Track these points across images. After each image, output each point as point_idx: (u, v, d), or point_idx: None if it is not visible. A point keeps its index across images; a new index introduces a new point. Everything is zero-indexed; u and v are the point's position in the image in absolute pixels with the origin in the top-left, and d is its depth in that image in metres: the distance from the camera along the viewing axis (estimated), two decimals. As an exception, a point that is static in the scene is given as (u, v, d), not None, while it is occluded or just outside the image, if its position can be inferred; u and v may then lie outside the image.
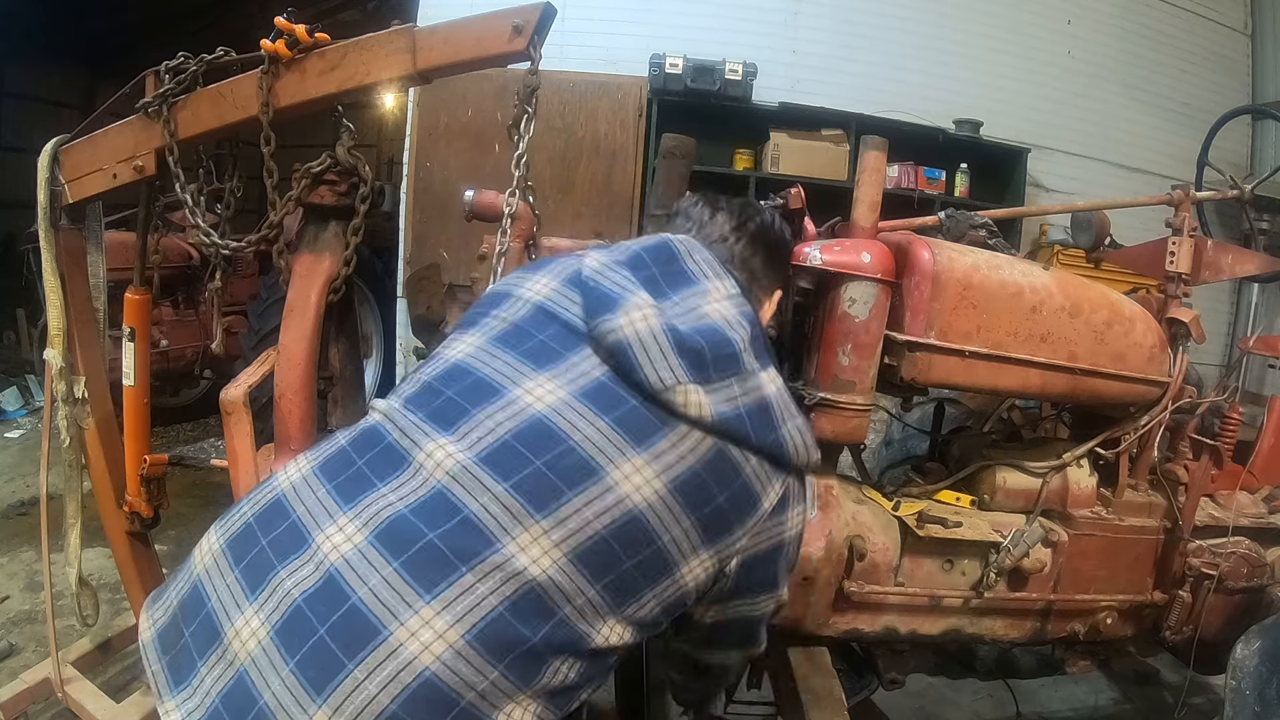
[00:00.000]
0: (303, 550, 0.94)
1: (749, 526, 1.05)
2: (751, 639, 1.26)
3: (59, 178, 1.91)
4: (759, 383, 1.07)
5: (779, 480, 1.07)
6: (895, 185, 4.97)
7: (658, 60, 4.85)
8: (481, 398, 1.03)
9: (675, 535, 0.99)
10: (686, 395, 1.01)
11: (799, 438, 1.08)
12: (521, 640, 0.91)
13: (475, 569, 0.90)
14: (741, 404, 1.04)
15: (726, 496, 1.02)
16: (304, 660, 0.86)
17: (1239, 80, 5.97)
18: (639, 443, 0.99)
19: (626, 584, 0.98)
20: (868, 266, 1.63)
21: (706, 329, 1.06)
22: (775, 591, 1.17)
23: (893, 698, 2.15)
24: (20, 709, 2.28)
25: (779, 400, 1.08)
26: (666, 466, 0.99)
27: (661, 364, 1.02)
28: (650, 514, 0.98)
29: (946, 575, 1.80)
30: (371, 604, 0.88)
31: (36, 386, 5.89)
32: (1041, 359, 1.72)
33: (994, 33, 5.49)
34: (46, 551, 2.23)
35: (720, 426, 1.02)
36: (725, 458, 1.02)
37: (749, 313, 1.14)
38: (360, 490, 0.98)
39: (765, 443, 1.05)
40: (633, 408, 1.01)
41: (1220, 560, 1.91)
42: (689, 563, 1.01)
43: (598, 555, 0.95)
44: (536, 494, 0.95)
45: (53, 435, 2.09)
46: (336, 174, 1.81)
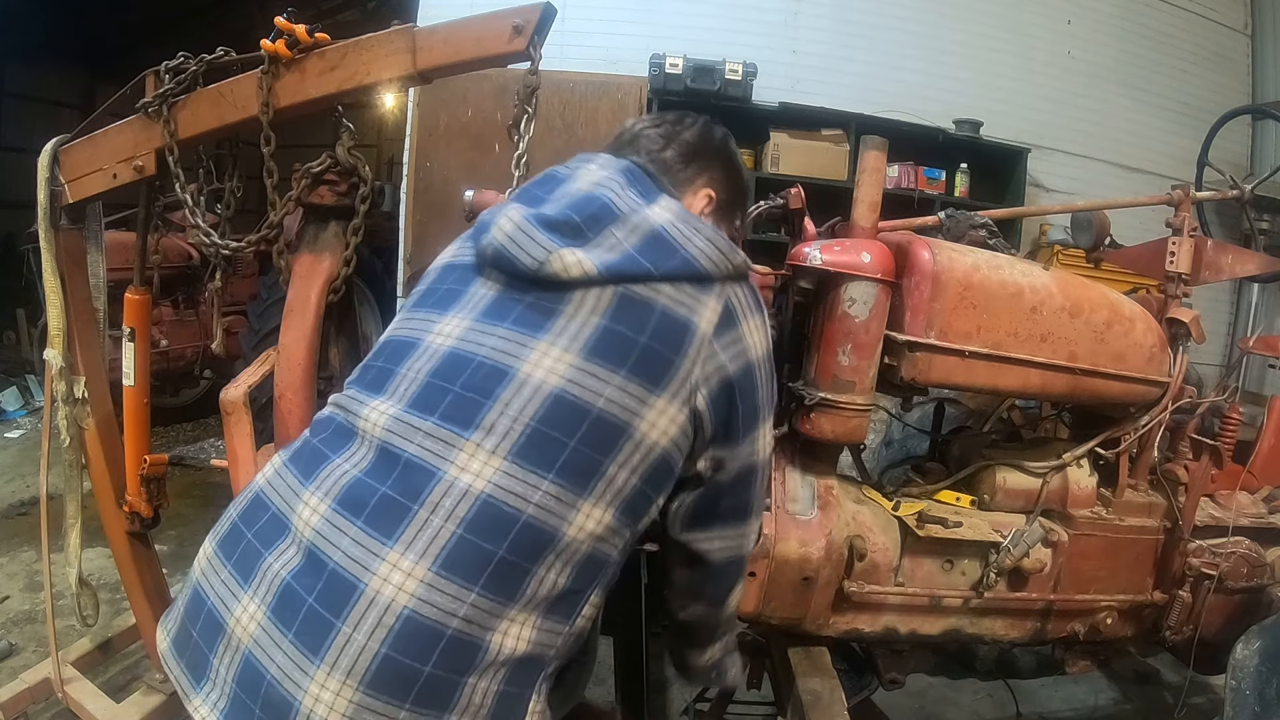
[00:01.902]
0: (285, 535, 0.99)
1: (692, 353, 1.02)
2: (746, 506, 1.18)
3: (59, 178, 1.91)
4: (644, 217, 1.06)
5: (709, 296, 1.05)
6: (895, 185, 4.97)
7: (658, 60, 4.85)
8: (401, 355, 1.07)
9: (610, 395, 0.98)
10: (563, 260, 1.01)
11: (709, 248, 1.05)
12: (488, 556, 0.93)
13: (425, 503, 0.94)
14: (628, 244, 1.03)
15: (649, 334, 1.00)
16: (299, 630, 0.91)
17: (1239, 80, 5.97)
18: (538, 330, 1.01)
19: (581, 463, 0.97)
20: (868, 266, 1.63)
21: (573, 201, 1.08)
22: (758, 428, 1.12)
23: (893, 698, 2.15)
24: (20, 709, 2.28)
25: (674, 224, 1.06)
26: (572, 337, 1.00)
27: (531, 246, 1.03)
28: (571, 387, 0.98)
29: (946, 575, 1.80)
30: (346, 564, 0.92)
31: (36, 386, 5.89)
32: (1041, 359, 1.72)
33: (994, 33, 5.49)
34: (46, 551, 2.23)
35: (610, 274, 1.01)
36: (631, 300, 1.01)
37: (622, 168, 1.13)
38: (317, 465, 1.02)
39: (670, 269, 1.03)
40: (527, 304, 1.03)
41: (1220, 560, 1.91)
42: (643, 416, 1.00)
43: (536, 446, 0.96)
44: (460, 415, 0.98)
45: (53, 435, 2.09)
46: (336, 174, 1.81)
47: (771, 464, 1.20)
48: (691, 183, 1.25)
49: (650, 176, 1.16)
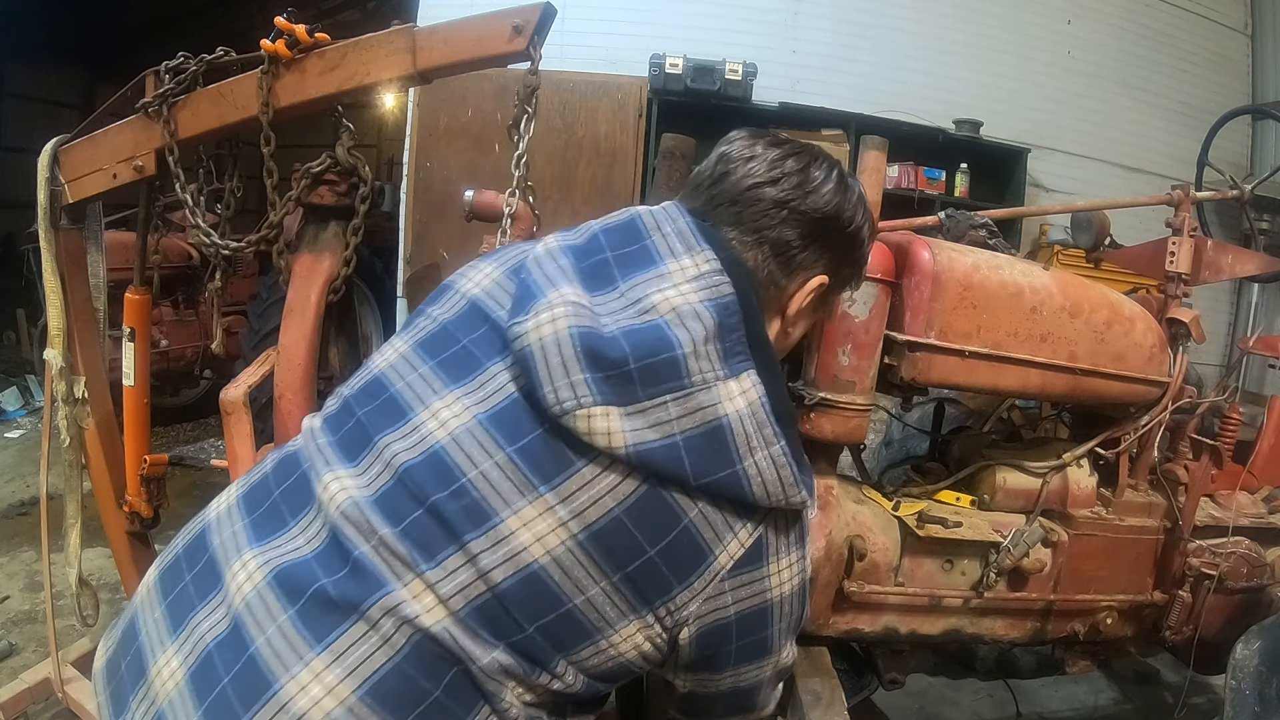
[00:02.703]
0: (216, 591, 0.88)
1: (697, 589, 0.85)
2: (747, 707, 1.02)
3: (59, 178, 1.91)
4: (713, 398, 0.83)
5: (744, 527, 0.86)
6: (895, 185, 4.98)
7: (658, 60, 4.85)
8: (387, 422, 0.91)
9: (592, 596, 0.83)
10: (590, 421, 0.81)
11: (771, 472, 0.84)
12: (422, 694, 0.80)
13: (366, 616, 0.81)
14: (677, 430, 0.82)
15: (660, 549, 0.83)
16: (209, 709, 0.81)
17: (1239, 80, 5.97)
18: (544, 480, 0.83)
19: (532, 650, 0.84)
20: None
21: (638, 329, 0.83)
22: (764, 660, 0.95)
23: (893, 698, 2.15)
24: (20, 709, 2.28)
25: (745, 422, 0.84)
26: (576, 512, 0.82)
27: (561, 379, 0.82)
28: (555, 569, 0.82)
29: (946, 575, 1.80)
30: (267, 655, 0.81)
31: (36, 386, 5.89)
32: (1041, 359, 1.72)
33: (994, 33, 5.49)
34: (46, 551, 2.23)
35: (639, 461, 0.81)
36: (657, 501, 0.82)
37: (724, 299, 0.86)
38: (272, 528, 0.91)
39: (712, 482, 0.82)
40: (539, 436, 0.84)
41: (1220, 560, 1.91)
42: (618, 629, 0.85)
43: (492, 616, 0.82)
44: (425, 541, 0.83)
45: (53, 435, 2.09)
46: (336, 174, 1.82)
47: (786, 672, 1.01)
48: (805, 269, 0.97)
49: (748, 314, 0.88)
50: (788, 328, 1.01)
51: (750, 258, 0.94)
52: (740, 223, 0.95)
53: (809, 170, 0.97)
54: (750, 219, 0.94)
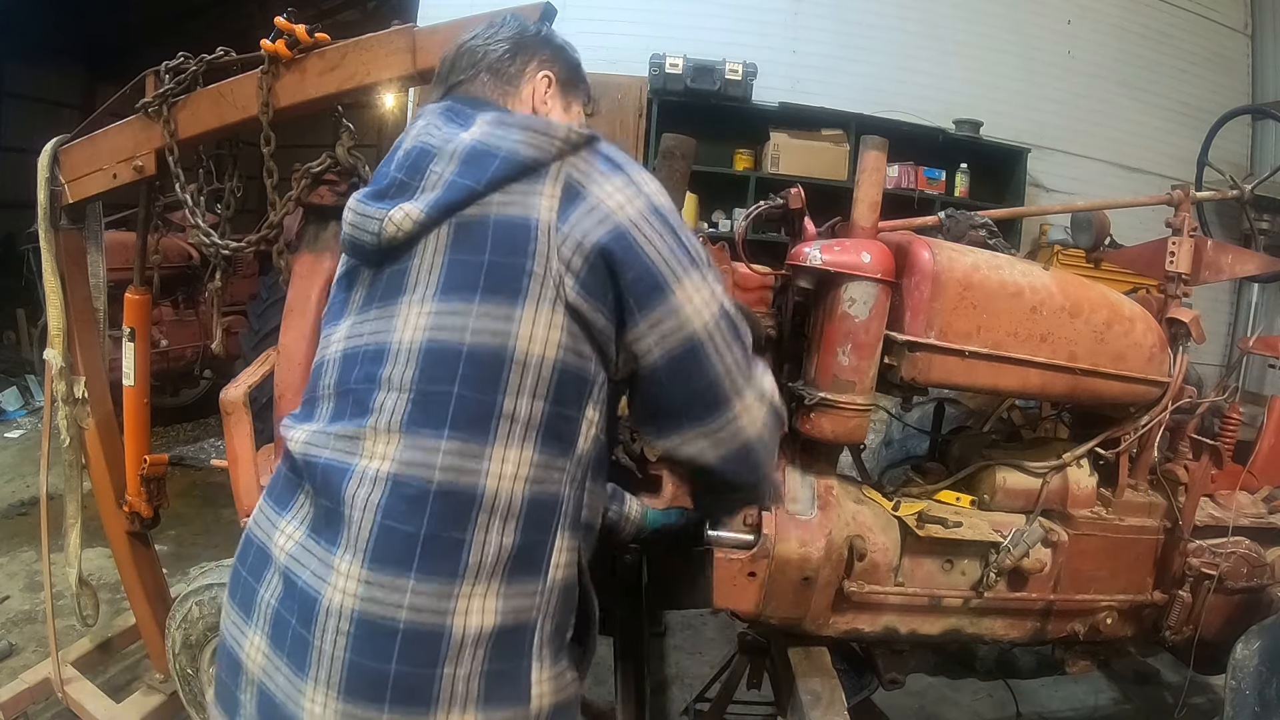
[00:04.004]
0: (269, 565, 1.00)
1: (539, 249, 0.93)
2: (711, 397, 1.00)
3: (59, 178, 1.91)
4: (458, 141, 1.00)
5: (543, 183, 0.96)
6: (895, 185, 4.98)
7: (658, 60, 4.85)
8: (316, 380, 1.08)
9: (474, 326, 0.93)
10: (393, 220, 0.98)
11: (526, 134, 0.98)
12: (412, 538, 0.90)
13: (347, 500, 0.93)
14: (448, 174, 0.98)
15: (490, 249, 0.94)
16: (289, 652, 0.94)
17: (1239, 80, 5.97)
18: (399, 295, 0.98)
19: (472, 409, 0.92)
20: (868, 266, 1.63)
21: (399, 162, 1.05)
22: (667, 291, 0.96)
23: (893, 698, 2.15)
24: (20, 709, 2.28)
25: (487, 134, 1.00)
26: (425, 286, 0.96)
27: (367, 222, 1.02)
28: (436, 333, 0.94)
29: (946, 575, 1.80)
30: (311, 581, 0.94)
31: (36, 386, 5.89)
32: (1041, 359, 1.72)
33: (994, 33, 5.49)
34: (46, 551, 2.23)
35: (438, 210, 0.97)
36: (465, 226, 0.96)
37: (439, 110, 1.09)
38: (291, 493, 1.04)
39: (493, 176, 0.96)
40: (386, 278, 1.01)
41: (1220, 560, 1.91)
42: (515, 334, 0.92)
43: (423, 408, 0.93)
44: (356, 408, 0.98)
45: (53, 435, 2.09)
46: (336, 174, 1.82)
47: (736, 324, 1.01)
48: (523, 73, 1.18)
49: (471, 104, 1.10)
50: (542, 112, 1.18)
51: (477, 89, 1.15)
52: (462, 69, 1.17)
53: (492, 23, 1.22)
54: (465, 65, 1.17)
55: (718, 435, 1.03)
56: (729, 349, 1.01)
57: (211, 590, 1.98)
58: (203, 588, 1.99)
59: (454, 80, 1.17)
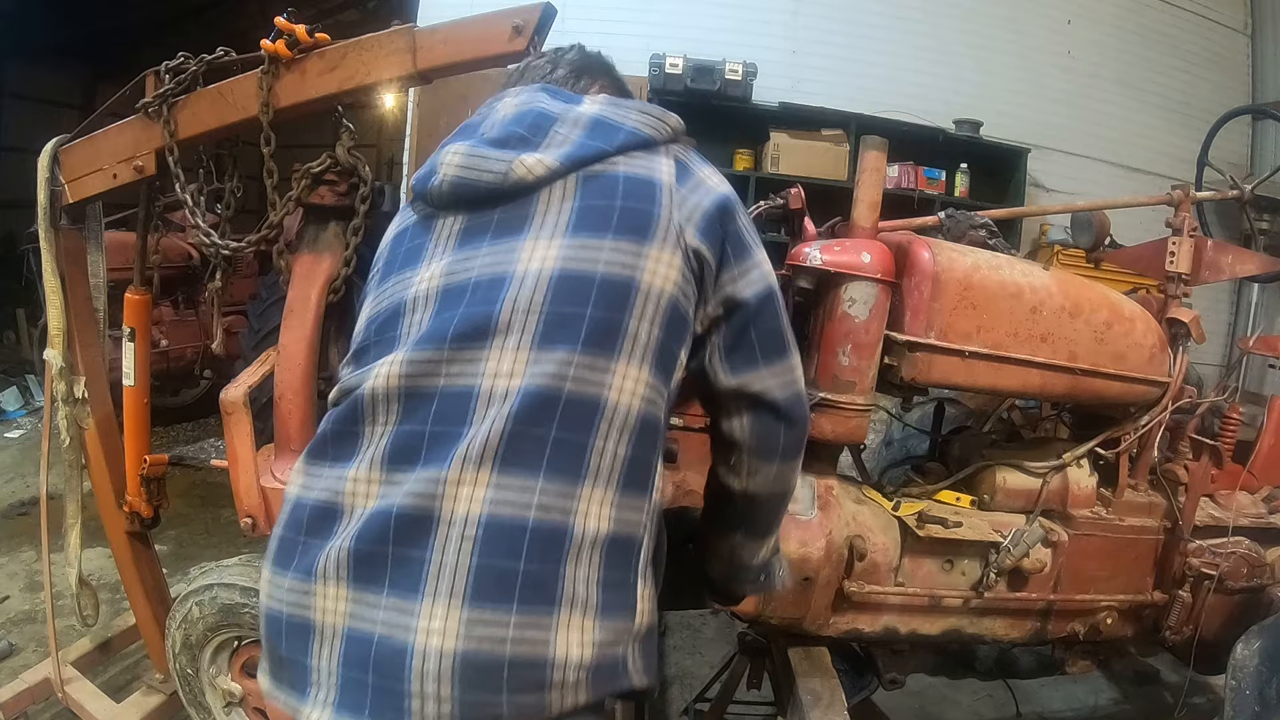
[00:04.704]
0: (338, 521, 0.99)
1: (665, 201, 1.07)
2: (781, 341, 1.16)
3: (59, 178, 1.91)
4: (579, 112, 1.12)
5: (660, 158, 1.11)
6: (895, 185, 4.98)
7: (658, 60, 4.85)
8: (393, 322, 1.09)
9: (607, 258, 1.01)
10: (525, 164, 1.05)
11: (647, 118, 1.12)
12: (542, 441, 0.95)
13: (472, 420, 0.96)
14: (575, 136, 1.09)
15: (621, 197, 1.05)
16: (392, 580, 0.93)
17: (1239, 80, 5.97)
18: (520, 234, 1.05)
19: (602, 327, 0.99)
20: (868, 266, 1.63)
21: (509, 120, 1.13)
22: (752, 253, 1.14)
23: (893, 698, 2.15)
24: (20, 709, 2.28)
25: (606, 112, 1.12)
26: (554, 226, 1.04)
27: (490, 163, 1.07)
28: (569, 264, 1.01)
29: (946, 575, 1.80)
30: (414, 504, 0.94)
31: (36, 386, 5.89)
32: (1041, 359, 1.72)
33: (994, 33, 5.49)
34: (46, 551, 2.23)
35: (570, 163, 1.06)
36: (594, 177, 1.07)
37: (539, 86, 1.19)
38: (351, 445, 1.03)
39: (620, 143, 1.09)
40: (498, 219, 1.07)
41: (1220, 560, 1.91)
42: (643, 267, 1.03)
43: (556, 327, 0.98)
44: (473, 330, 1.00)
45: (53, 435, 2.09)
46: (336, 174, 1.81)
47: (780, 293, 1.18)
48: (587, 92, 1.27)
49: (561, 92, 1.20)
50: None
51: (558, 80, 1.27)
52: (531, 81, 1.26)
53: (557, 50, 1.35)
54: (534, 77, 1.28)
55: (782, 378, 1.16)
56: (782, 311, 1.17)
57: (212, 590, 1.98)
58: (203, 588, 1.99)
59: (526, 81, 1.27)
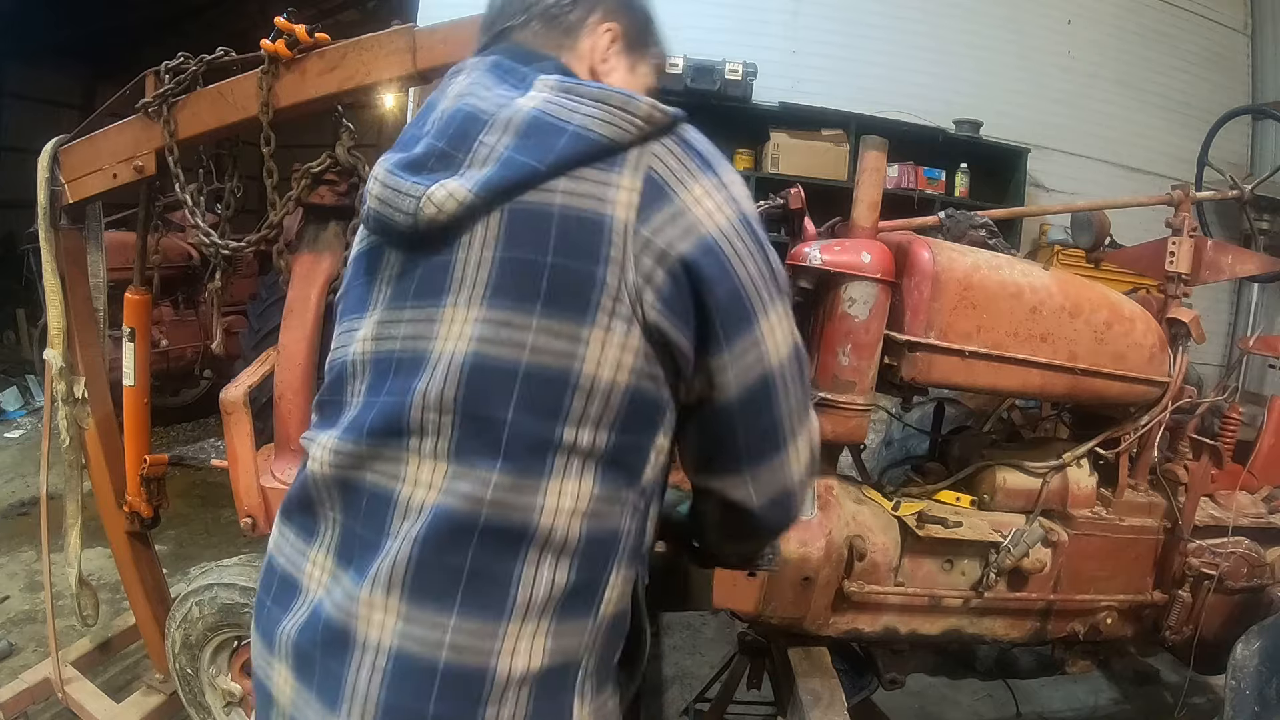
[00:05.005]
0: (297, 597, 0.91)
1: (614, 254, 0.79)
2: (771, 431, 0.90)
3: (59, 178, 1.91)
4: (515, 109, 0.83)
5: (619, 173, 0.81)
6: (895, 185, 4.97)
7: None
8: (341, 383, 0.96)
9: (534, 343, 0.79)
10: (431, 200, 0.82)
11: (601, 109, 0.81)
12: (455, 571, 0.80)
13: (390, 533, 0.83)
14: (503, 148, 0.82)
15: (553, 250, 0.79)
16: (319, 686, 0.85)
17: (1239, 80, 5.96)
18: (440, 294, 0.83)
19: (528, 438, 0.80)
20: (868, 266, 1.63)
21: (438, 127, 0.88)
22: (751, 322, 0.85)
23: (893, 698, 2.15)
24: (20, 709, 2.28)
25: (551, 102, 0.83)
26: (472, 286, 0.81)
27: (400, 199, 0.84)
28: (485, 347, 0.80)
29: (946, 575, 1.80)
30: (342, 615, 0.85)
31: (36, 386, 5.89)
32: (1042, 359, 1.72)
33: (994, 33, 5.49)
34: (46, 551, 2.23)
35: (489, 192, 0.80)
36: (522, 214, 0.80)
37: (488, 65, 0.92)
38: (313, 523, 0.93)
39: (559, 156, 0.80)
40: (423, 268, 0.85)
41: (1220, 560, 1.91)
42: (582, 356, 0.80)
43: (471, 435, 0.81)
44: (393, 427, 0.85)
45: (53, 435, 2.09)
46: (336, 174, 1.82)
47: (803, 363, 0.91)
48: (584, 24, 0.99)
49: (523, 58, 0.93)
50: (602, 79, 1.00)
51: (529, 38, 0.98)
52: (513, 14, 0.99)
53: None
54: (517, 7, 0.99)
55: (767, 479, 0.93)
56: (795, 387, 0.91)
57: (212, 590, 1.98)
58: (203, 588, 1.99)
59: (501, 26, 1.00)
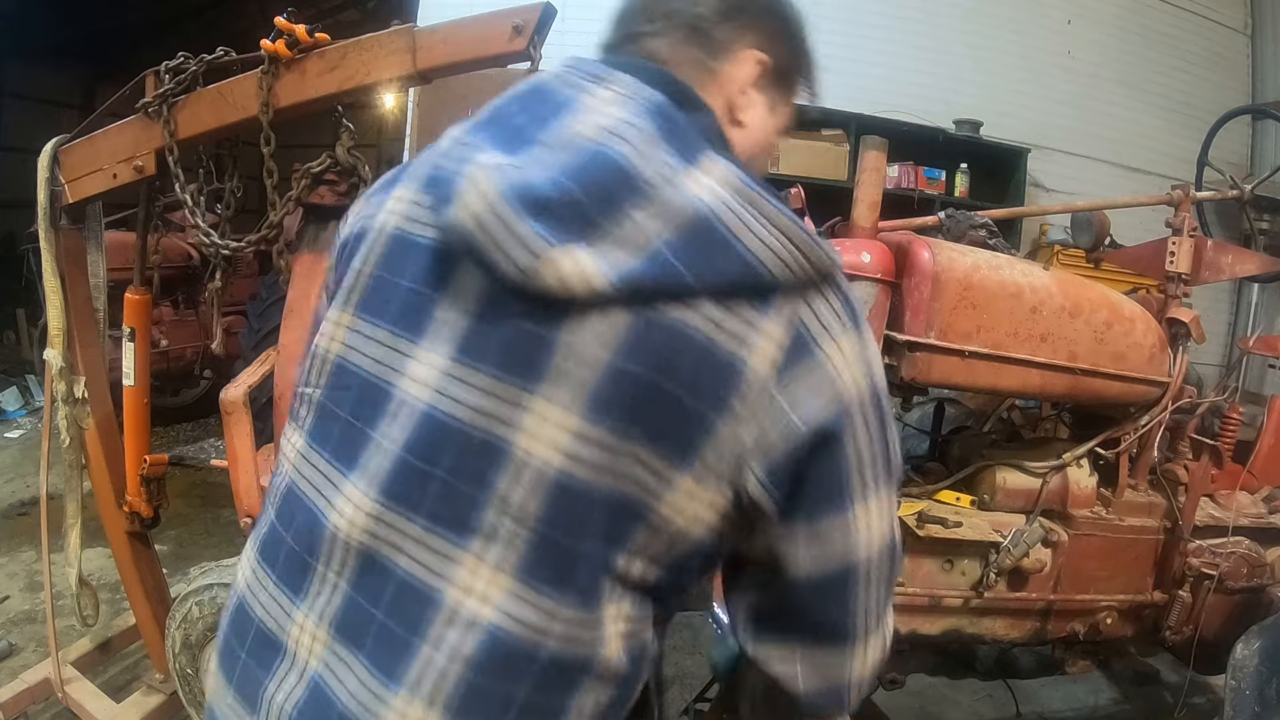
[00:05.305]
0: (280, 656, 0.79)
1: (739, 409, 0.69)
2: (840, 617, 0.79)
3: (59, 178, 1.91)
4: (682, 192, 0.69)
5: (769, 318, 0.70)
6: (895, 185, 4.97)
7: (658, 60, 4.85)
8: (375, 411, 0.77)
9: (623, 470, 0.69)
10: (559, 269, 0.67)
11: (778, 241, 0.69)
12: (508, 697, 0.72)
13: (429, 638, 0.72)
14: (659, 238, 0.68)
15: (678, 380, 0.68)
16: None
17: (1239, 80, 5.96)
18: (533, 376, 0.70)
19: (596, 564, 0.72)
20: (868, 266, 1.63)
21: (574, 161, 0.71)
22: (846, 504, 0.74)
23: (893, 698, 2.14)
24: (20, 709, 2.28)
25: (727, 200, 0.70)
26: (574, 387, 0.69)
27: (513, 245, 0.68)
28: (575, 467, 0.69)
29: (946, 575, 1.80)
30: (354, 709, 0.73)
31: (36, 386, 5.89)
32: (1041, 359, 1.72)
33: (994, 33, 5.49)
34: (46, 551, 2.23)
35: (629, 288, 0.67)
36: (656, 327, 0.68)
37: (649, 102, 0.75)
38: (302, 575, 0.79)
39: (719, 278, 0.68)
40: (510, 329, 0.71)
41: (1220, 560, 1.91)
42: (665, 499, 0.71)
43: (546, 557, 0.72)
44: (452, 514, 0.72)
45: (53, 435, 2.09)
46: (336, 174, 1.82)
47: (895, 561, 0.81)
48: (731, 46, 0.86)
49: (678, 95, 0.77)
50: (737, 115, 0.88)
51: (665, 49, 0.84)
52: (650, 18, 0.86)
53: None
54: (658, 8, 0.86)
55: (821, 666, 0.81)
56: (879, 585, 0.80)
57: (212, 590, 1.98)
58: (203, 588, 1.99)
59: (634, 29, 0.86)
